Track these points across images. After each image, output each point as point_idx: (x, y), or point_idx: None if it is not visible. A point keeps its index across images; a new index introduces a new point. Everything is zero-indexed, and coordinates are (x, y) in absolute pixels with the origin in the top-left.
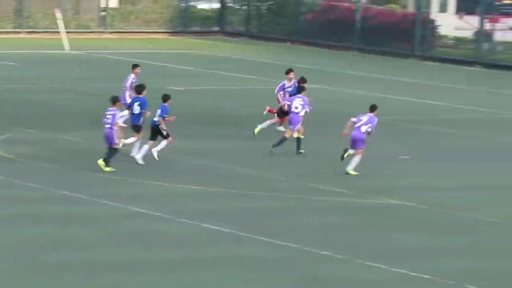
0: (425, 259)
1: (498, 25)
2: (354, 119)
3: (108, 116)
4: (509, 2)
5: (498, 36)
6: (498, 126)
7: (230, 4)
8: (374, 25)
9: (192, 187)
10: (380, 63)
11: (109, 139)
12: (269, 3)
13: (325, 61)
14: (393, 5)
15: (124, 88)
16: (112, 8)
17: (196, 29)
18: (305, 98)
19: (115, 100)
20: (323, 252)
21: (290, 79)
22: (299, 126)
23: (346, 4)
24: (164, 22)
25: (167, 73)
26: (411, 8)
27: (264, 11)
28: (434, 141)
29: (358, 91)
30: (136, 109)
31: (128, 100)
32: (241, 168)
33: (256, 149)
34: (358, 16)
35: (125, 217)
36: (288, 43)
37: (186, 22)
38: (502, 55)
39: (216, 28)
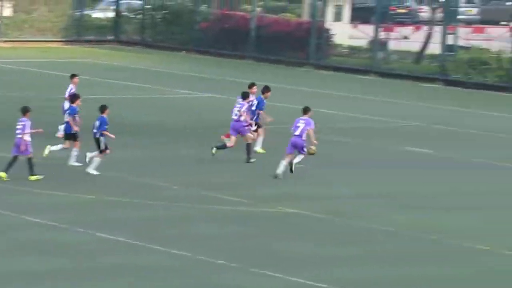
0: (322, 268)
1: (392, 34)
2: (291, 130)
3: (18, 126)
4: (403, 11)
5: (393, 45)
6: (392, 135)
7: (125, 13)
8: (269, 33)
9: (87, 196)
10: (275, 71)
11: (18, 149)
12: (164, 12)
13: (219, 70)
14: (288, 14)
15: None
16: (6, 17)
17: (91, 38)
18: (244, 104)
19: (25, 110)
20: (219, 261)
21: (252, 94)
22: (247, 132)
23: (241, 13)
24: (59, 31)
25: (61, 82)
26: (306, 17)
27: (159, 20)
28: (329, 149)
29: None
30: (66, 117)
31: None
32: (137, 177)
33: (154, 158)
34: (253, 25)
35: (20, 226)
36: (183, 52)
37: (81, 31)
38: (396, 64)
39: (111, 37)
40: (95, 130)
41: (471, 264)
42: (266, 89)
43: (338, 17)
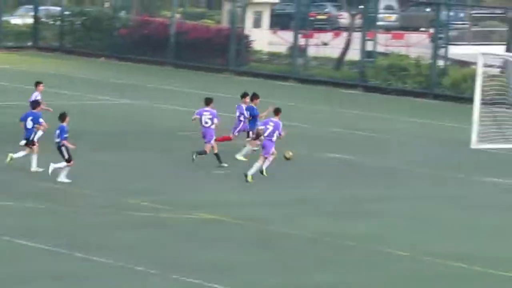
0: (241, 274)
1: (311, 40)
2: (261, 127)
3: None
4: (322, 17)
5: (312, 51)
6: (312, 141)
7: (44, 19)
8: (188, 40)
9: (5, 203)
10: (194, 78)
11: None
12: (83, 18)
13: (139, 76)
14: (207, 20)
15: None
16: None
17: (10, 44)
18: (213, 111)
19: None
20: (139, 268)
21: (246, 103)
22: (213, 139)
23: (160, 19)
24: None
25: None
26: (225, 24)
27: (78, 26)
28: (249, 156)
29: (171, 106)
30: (29, 124)
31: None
32: (58, 183)
33: (74, 164)
34: (172, 31)
35: None
36: (102, 58)
37: (0, 37)
38: (316, 70)
39: (30, 43)
40: (58, 140)
41: (389, 269)
42: (255, 96)
43: (257, 23)
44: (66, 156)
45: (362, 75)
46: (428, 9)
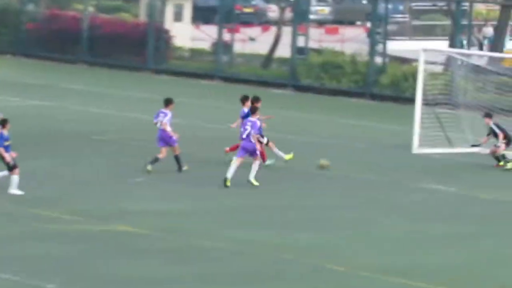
0: None
1: (237, 36)
2: (242, 129)
3: None
4: (249, 10)
5: (238, 48)
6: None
7: None
8: (103, 35)
9: None
10: (110, 77)
11: None
12: None
13: (48, 75)
14: (124, 14)
15: None
16: None
17: None
18: (168, 112)
19: None
20: (49, 285)
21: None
22: (173, 144)
23: (72, 13)
24: None
25: None
26: (143, 17)
27: None
28: (169, 162)
29: (84, 108)
30: None
31: None
32: None
33: None
34: (85, 26)
35: None
36: (9, 56)
37: None
38: (242, 68)
39: None
40: None
41: (320, 286)
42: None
43: (178, 17)
44: (12, 164)
45: (292, 73)
46: (364, 1)
